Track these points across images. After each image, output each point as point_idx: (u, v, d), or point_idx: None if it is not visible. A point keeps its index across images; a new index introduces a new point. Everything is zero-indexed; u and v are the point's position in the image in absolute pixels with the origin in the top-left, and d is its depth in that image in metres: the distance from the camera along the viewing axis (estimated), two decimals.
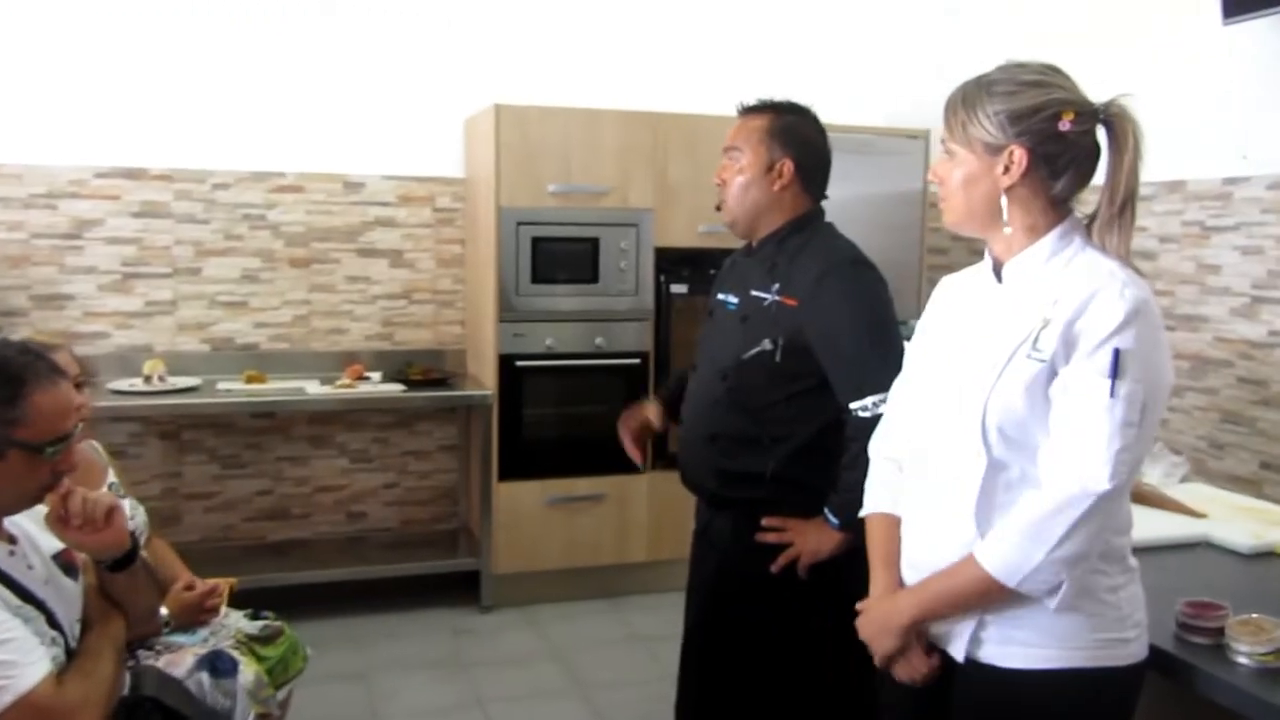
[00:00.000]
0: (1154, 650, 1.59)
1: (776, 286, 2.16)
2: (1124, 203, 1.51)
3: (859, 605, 1.71)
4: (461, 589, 4.19)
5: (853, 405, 2.04)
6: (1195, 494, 2.46)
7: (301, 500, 4.36)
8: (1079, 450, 1.44)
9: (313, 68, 4.21)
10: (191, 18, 4.06)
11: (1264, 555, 2.09)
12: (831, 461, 2.09)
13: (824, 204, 2.29)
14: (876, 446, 1.81)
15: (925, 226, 4.66)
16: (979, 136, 1.54)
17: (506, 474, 4.09)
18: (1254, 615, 1.59)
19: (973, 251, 5.03)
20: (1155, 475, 2.54)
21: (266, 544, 4.29)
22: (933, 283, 1.61)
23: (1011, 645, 1.53)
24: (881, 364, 2.01)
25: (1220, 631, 1.59)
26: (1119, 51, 3.92)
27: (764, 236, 2.24)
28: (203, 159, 4.12)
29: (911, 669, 1.62)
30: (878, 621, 1.65)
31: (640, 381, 4.21)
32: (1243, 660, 1.55)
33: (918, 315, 1.80)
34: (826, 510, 2.10)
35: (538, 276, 4.06)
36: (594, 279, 4.13)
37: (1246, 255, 3.61)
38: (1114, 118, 1.53)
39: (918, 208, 4.63)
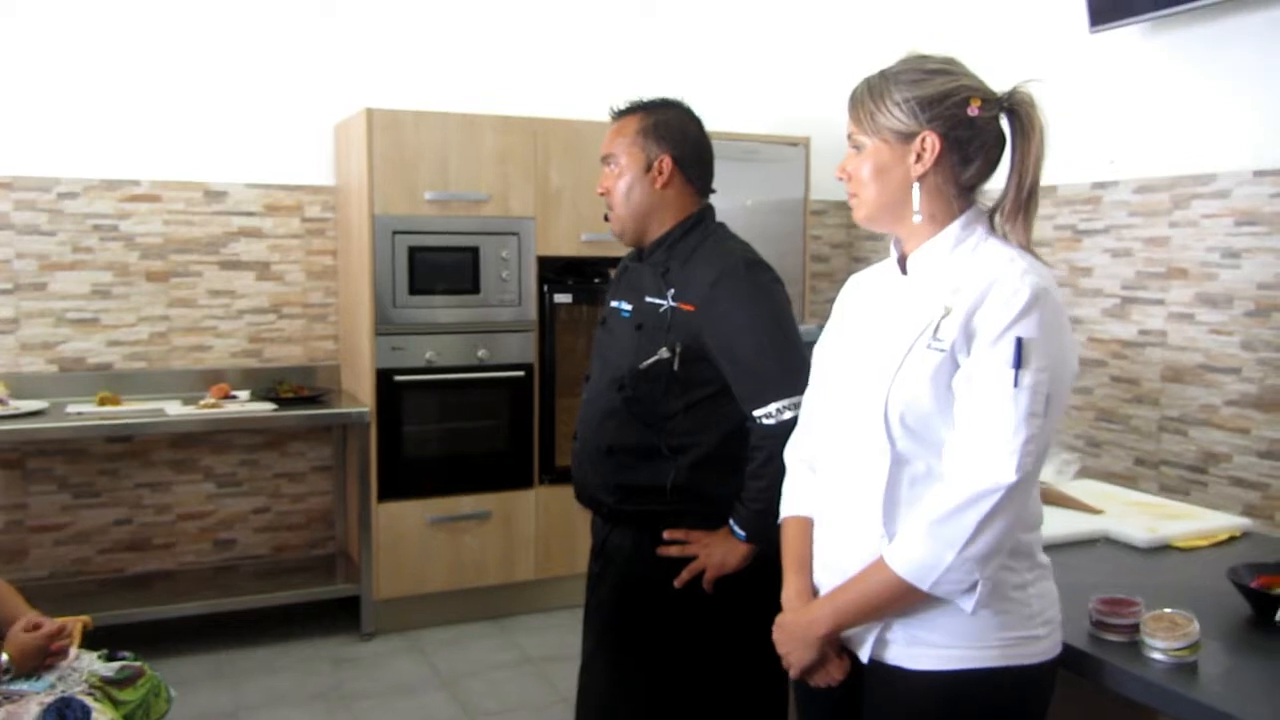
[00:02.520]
0: (1067, 648, 1.56)
1: (672, 292, 2.07)
2: (1030, 190, 1.50)
3: (777, 619, 1.64)
4: (340, 617, 3.99)
5: (756, 412, 1.98)
6: (1087, 490, 2.49)
7: (163, 529, 4.08)
8: (984, 443, 1.40)
9: (171, 68, 3.97)
10: (33, 12, 3.77)
11: (1161, 549, 2.11)
12: (736, 472, 2.01)
13: (715, 210, 2.22)
14: (791, 450, 1.75)
15: (807, 234, 4.67)
16: (889, 125, 1.51)
17: (386, 494, 3.90)
18: (1167, 610, 1.57)
19: (853, 259, 5.09)
20: (1049, 472, 2.55)
21: (125, 577, 4.00)
22: (816, 290, 1.58)
23: (917, 646, 1.49)
24: (783, 369, 1.96)
25: (1135, 628, 1.58)
26: (990, 60, 4.00)
27: (655, 240, 2.15)
28: (47, 165, 3.83)
29: (828, 677, 1.57)
30: (794, 635, 1.58)
31: (526, 394, 4.09)
32: (1158, 656, 1.53)
33: (803, 321, 1.75)
34: (732, 522, 2.02)
35: (416, 287, 3.90)
36: (475, 289, 3.99)
37: (1116, 257, 3.72)
38: (1019, 105, 1.52)
39: (799, 215, 4.64)
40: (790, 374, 1.92)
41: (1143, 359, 3.64)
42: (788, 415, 1.90)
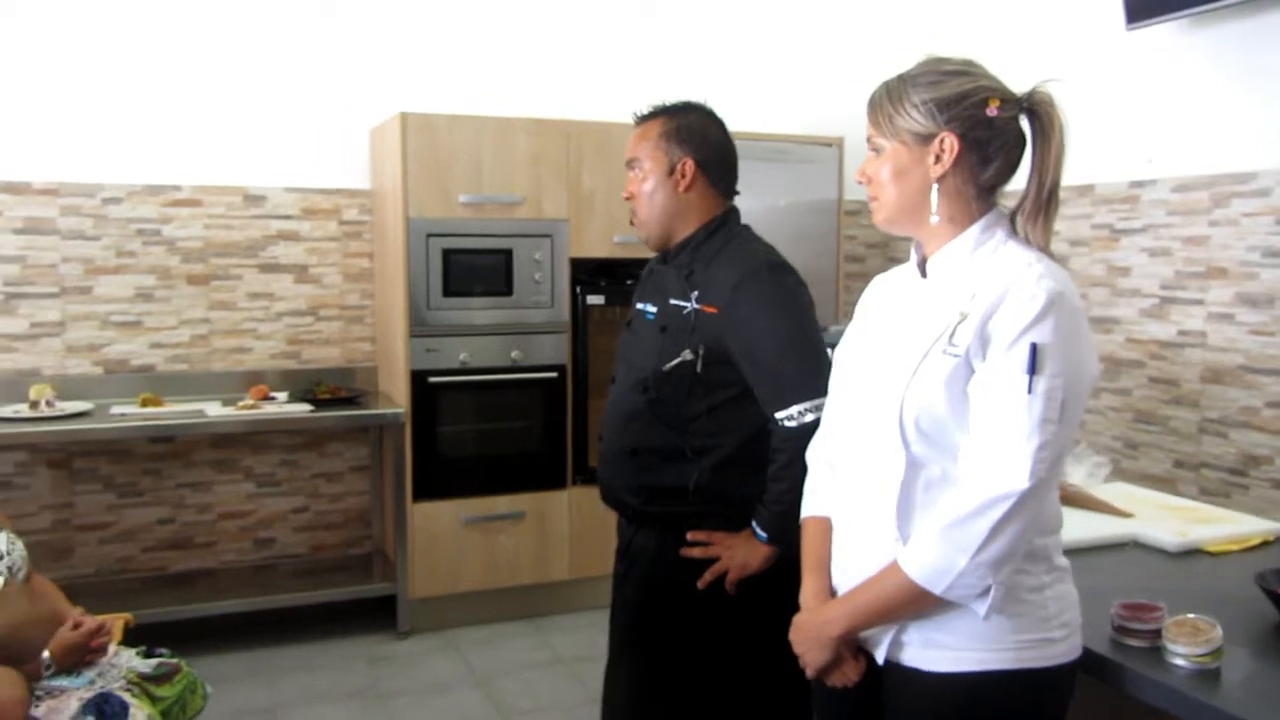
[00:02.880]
0: (1088, 652, 1.55)
1: (696, 294, 2.08)
2: (1051, 191, 1.50)
3: (794, 619, 1.65)
4: (377, 615, 4.04)
5: (778, 415, 1.98)
6: (1118, 493, 2.46)
7: (205, 528, 4.15)
8: (998, 449, 1.40)
9: (210, 75, 4.04)
10: (78, 20, 3.86)
11: (1191, 553, 2.08)
12: (758, 474, 2.02)
13: (740, 212, 2.23)
14: (814, 451, 1.76)
15: (841, 234, 4.66)
16: (908, 127, 1.51)
17: (422, 494, 3.95)
18: (1190, 616, 1.56)
19: (888, 259, 5.06)
20: (1079, 475, 2.53)
21: (167, 575, 4.08)
22: (850, 290, 1.59)
23: (933, 648, 1.49)
24: (804, 371, 1.96)
25: (1157, 634, 1.56)
26: (1026, 58, 3.97)
27: (679, 243, 2.17)
28: (92, 172, 3.92)
29: (844, 677, 1.58)
30: (810, 635, 1.59)
31: (559, 395, 4.11)
32: (1179, 662, 1.51)
33: (836, 322, 1.76)
34: (754, 523, 2.03)
35: (450, 289, 3.95)
36: (508, 291, 4.03)
37: (1154, 257, 3.67)
38: (1038, 105, 1.51)
39: (833, 216, 4.63)
40: (811, 376, 1.92)
41: (1182, 360, 3.58)
42: (809, 418, 1.91)
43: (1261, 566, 1.85)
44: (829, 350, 1.89)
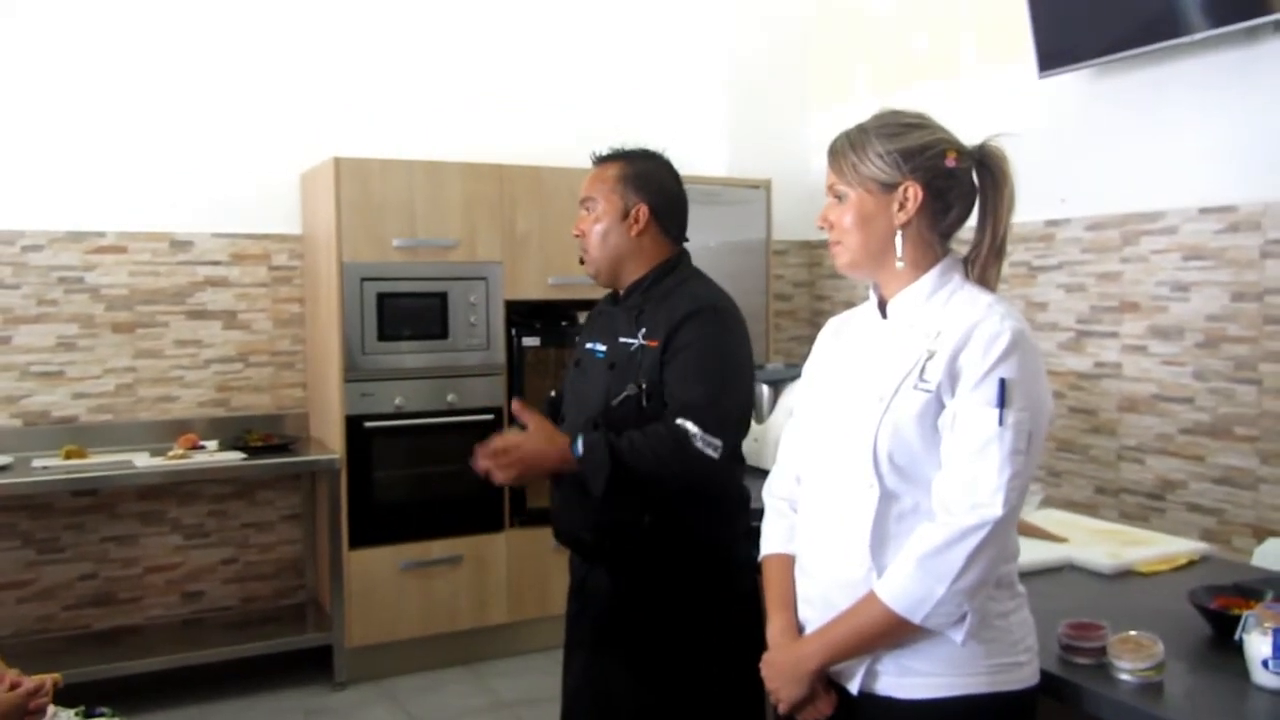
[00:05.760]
0: (1041, 672, 1.60)
1: (643, 331, 2.13)
2: (1003, 238, 1.57)
3: (765, 656, 1.66)
4: (312, 666, 3.95)
5: (679, 420, 1.99)
6: (1050, 519, 2.55)
7: (130, 583, 4.03)
8: (971, 480, 1.45)
9: (136, 118, 3.98)
10: None
11: (1124, 574, 2.17)
12: (713, 509, 2.05)
13: (690, 255, 2.29)
14: (770, 488, 1.80)
15: (770, 273, 4.76)
16: (873, 175, 1.57)
17: (357, 541, 3.89)
18: (1132, 633, 1.63)
19: (815, 297, 5.18)
20: None
21: (91, 633, 3.94)
22: (779, 328, 1.65)
23: (908, 676, 1.52)
24: (720, 411, 2.00)
25: (1102, 651, 1.63)
26: (948, 103, 4.13)
27: (630, 284, 2.22)
28: (10, 218, 3.82)
29: (817, 711, 1.60)
30: (785, 670, 1.61)
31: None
32: (1125, 677, 1.58)
33: (766, 359, 1.81)
34: (580, 437, 2.00)
35: (384, 334, 3.93)
36: (443, 334, 4.02)
37: (1070, 293, 3.82)
38: (989, 157, 1.59)
39: (762, 255, 4.73)
40: (721, 418, 1.98)
41: (1099, 390, 3.73)
42: (701, 445, 1.95)
43: (1189, 585, 1.94)
44: (764, 388, 1.93)
